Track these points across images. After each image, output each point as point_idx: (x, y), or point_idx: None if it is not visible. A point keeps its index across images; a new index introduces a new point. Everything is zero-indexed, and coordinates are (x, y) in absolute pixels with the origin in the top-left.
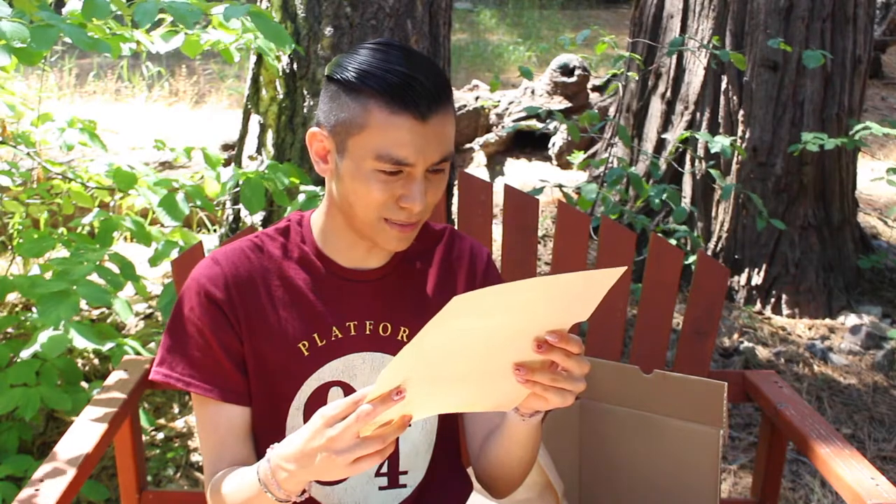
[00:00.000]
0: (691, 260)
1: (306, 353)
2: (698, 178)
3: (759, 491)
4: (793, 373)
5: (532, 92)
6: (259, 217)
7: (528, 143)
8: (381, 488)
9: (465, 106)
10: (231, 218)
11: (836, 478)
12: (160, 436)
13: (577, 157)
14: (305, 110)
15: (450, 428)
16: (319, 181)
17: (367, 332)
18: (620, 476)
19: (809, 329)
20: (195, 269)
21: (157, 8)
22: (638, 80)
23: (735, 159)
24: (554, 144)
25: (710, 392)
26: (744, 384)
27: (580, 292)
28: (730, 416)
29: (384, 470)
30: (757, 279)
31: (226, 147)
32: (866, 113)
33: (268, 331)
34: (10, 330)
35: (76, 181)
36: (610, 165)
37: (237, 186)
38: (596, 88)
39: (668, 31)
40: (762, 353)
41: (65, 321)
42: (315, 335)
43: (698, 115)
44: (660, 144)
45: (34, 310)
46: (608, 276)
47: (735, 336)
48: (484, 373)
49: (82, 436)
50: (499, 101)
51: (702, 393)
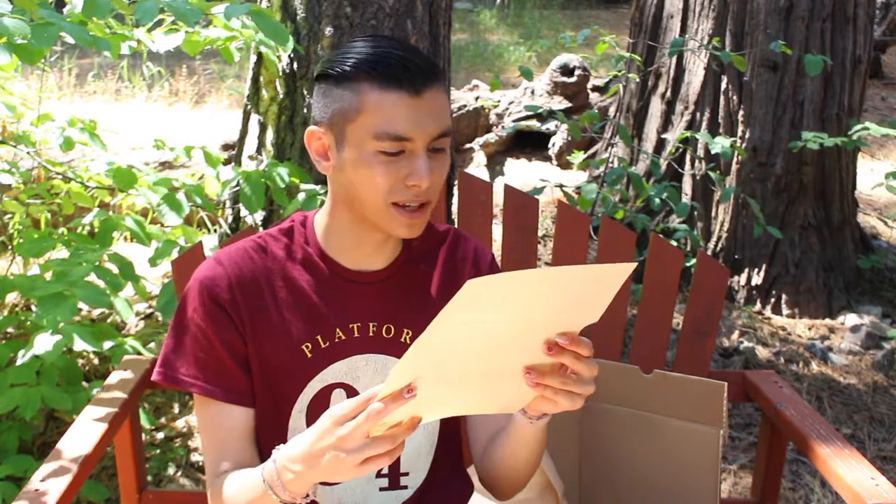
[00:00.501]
0: (691, 262)
1: (309, 355)
2: (698, 178)
3: (759, 491)
4: (793, 373)
5: (532, 92)
6: (259, 216)
7: (528, 143)
8: (381, 489)
9: (465, 106)
10: (231, 217)
11: (836, 478)
12: (160, 436)
13: (577, 157)
14: (305, 110)
15: (452, 429)
16: (320, 180)
17: (371, 334)
18: (620, 476)
19: (809, 329)
20: (198, 270)
21: (158, 7)
22: (638, 80)
23: (735, 159)
24: (554, 144)
25: (710, 392)
26: (744, 384)
27: (590, 287)
28: (730, 416)
29: (385, 471)
30: (757, 279)
31: (226, 147)
32: (866, 113)
33: (271, 332)
34: (10, 330)
35: (76, 181)
36: (610, 165)
37: (237, 186)
38: (596, 88)
39: (668, 31)
40: (762, 353)
41: (63, 323)
42: (318, 337)
43: (698, 115)
44: (660, 144)
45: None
46: (619, 272)
47: (735, 336)
48: (492, 374)
49: (82, 436)
50: (499, 101)
51: (702, 393)
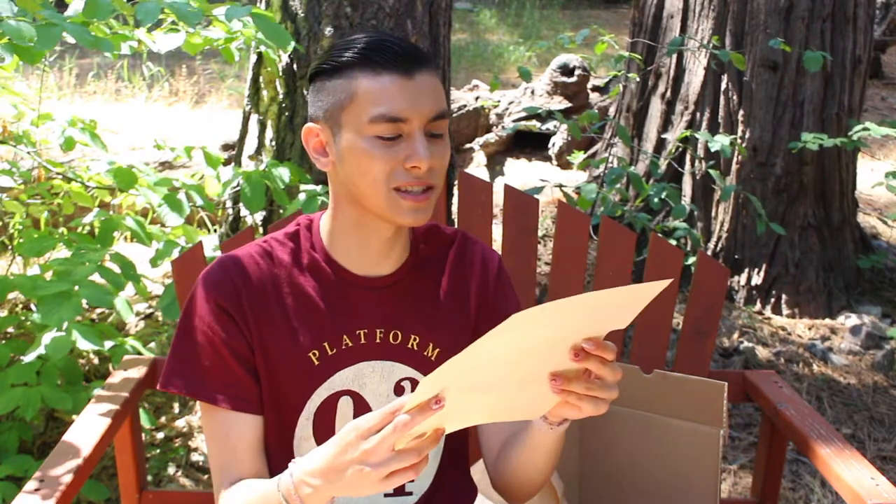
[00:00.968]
0: (691, 261)
1: (317, 363)
2: (698, 178)
3: (759, 491)
4: (793, 373)
5: (532, 92)
6: (259, 216)
7: (528, 143)
8: (386, 496)
9: (465, 106)
10: (231, 217)
11: (836, 478)
12: (160, 435)
13: (577, 157)
14: (305, 110)
15: (459, 436)
16: (320, 181)
17: (378, 341)
18: (620, 476)
19: (809, 329)
20: (204, 276)
21: (160, 7)
22: (638, 80)
23: (735, 159)
24: (554, 144)
25: (710, 392)
26: (744, 384)
27: (625, 303)
28: (730, 416)
29: None
30: (757, 279)
31: (226, 147)
32: (866, 113)
33: (278, 340)
34: (10, 330)
35: (76, 181)
36: (610, 165)
37: (237, 186)
38: (596, 88)
39: (668, 31)
40: (762, 353)
41: (67, 322)
42: (325, 344)
43: (698, 115)
44: (660, 144)
45: (34, 308)
46: (653, 288)
47: (735, 336)
48: (517, 382)
49: (82, 435)
50: (499, 101)
51: (702, 393)
